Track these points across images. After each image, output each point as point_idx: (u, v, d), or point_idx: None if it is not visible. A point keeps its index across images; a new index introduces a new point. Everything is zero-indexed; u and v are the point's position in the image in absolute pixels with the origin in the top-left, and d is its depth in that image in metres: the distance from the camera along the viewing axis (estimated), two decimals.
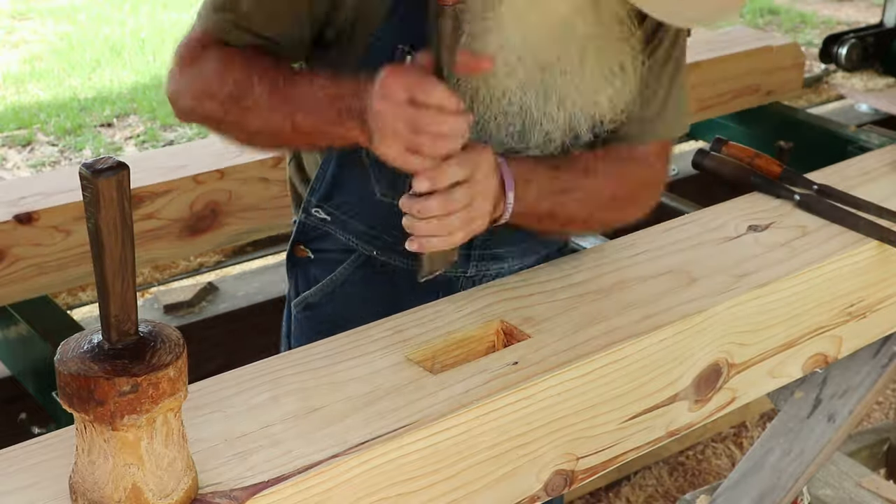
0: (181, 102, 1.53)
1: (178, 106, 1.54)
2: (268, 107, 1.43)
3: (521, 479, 1.39)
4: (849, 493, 2.39)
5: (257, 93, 1.43)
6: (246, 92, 1.43)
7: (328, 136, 1.43)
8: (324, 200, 1.64)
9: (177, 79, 1.53)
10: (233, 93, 1.45)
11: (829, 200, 1.88)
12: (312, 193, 1.64)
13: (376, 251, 1.61)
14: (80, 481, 1.10)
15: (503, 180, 1.45)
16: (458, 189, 1.38)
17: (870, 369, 2.00)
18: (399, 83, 1.30)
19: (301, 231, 1.69)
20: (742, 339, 1.61)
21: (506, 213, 1.47)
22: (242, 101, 1.44)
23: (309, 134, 1.43)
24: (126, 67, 6.28)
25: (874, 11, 7.04)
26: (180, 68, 1.52)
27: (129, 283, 1.04)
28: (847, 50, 5.18)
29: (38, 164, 4.96)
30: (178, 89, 1.53)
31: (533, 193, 1.49)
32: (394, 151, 1.33)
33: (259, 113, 1.44)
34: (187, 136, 5.27)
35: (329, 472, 1.19)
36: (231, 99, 1.45)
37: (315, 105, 1.40)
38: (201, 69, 1.49)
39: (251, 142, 1.53)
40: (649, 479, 3.03)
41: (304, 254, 1.71)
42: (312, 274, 1.72)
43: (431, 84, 1.30)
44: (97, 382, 1.02)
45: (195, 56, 1.50)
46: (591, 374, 1.42)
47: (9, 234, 2.32)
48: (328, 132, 1.41)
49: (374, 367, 1.38)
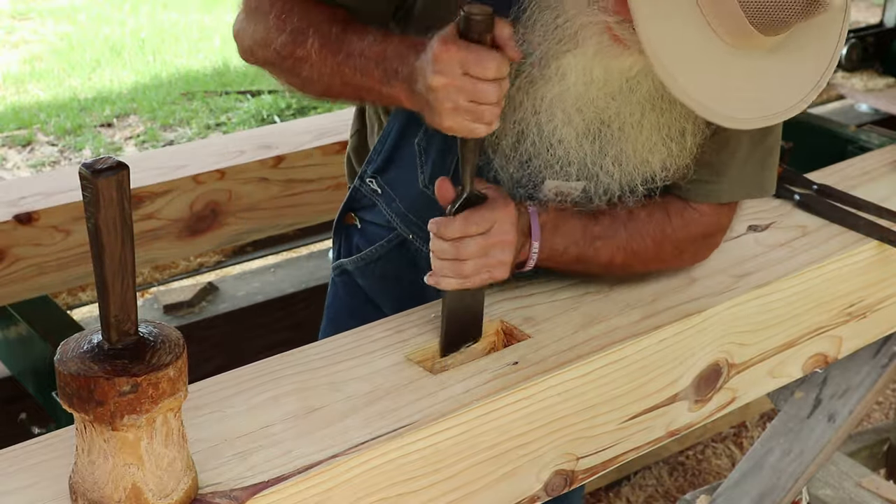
0: (243, 43, 1.57)
1: (240, 46, 1.58)
2: (319, 58, 1.45)
3: (521, 479, 1.39)
4: (849, 493, 2.39)
5: (310, 44, 1.45)
6: (300, 42, 1.46)
7: (374, 94, 1.45)
8: (378, 172, 1.67)
9: (241, 20, 1.56)
10: (287, 42, 1.47)
11: (829, 200, 1.88)
12: (369, 163, 1.68)
13: (412, 235, 1.64)
14: (80, 481, 1.10)
15: (530, 229, 1.48)
16: (472, 239, 1.40)
17: (870, 369, 2.00)
18: (453, 58, 1.30)
19: (353, 198, 1.73)
20: (742, 339, 1.61)
21: (530, 261, 1.50)
22: (296, 51, 1.47)
23: (356, 88, 1.45)
24: (126, 67, 6.27)
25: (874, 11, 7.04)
26: (245, 12, 1.55)
27: (129, 283, 1.04)
28: (847, 50, 5.17)
29: (38, 164, 4.96)
30: (240, 31, 1.56)
31: (561, 241, 1.51)
32: (457, 123, 1.34)
33: (310, 63, 1.46)
34: (187, 136, 5.28)
35: (329, 472, 1.19)
36: (285, 47, 1.48)
37: (363, 62, 1.41)
38: (263, 16, 1.51)
39: (304, 89, 1.55)
40: (649, 479, 3.03)
41: (353, 221, 1.74)
42: (355, 242, 1.75)
43: (486, 55, 1.30)
44: (97, 382, 1.02)
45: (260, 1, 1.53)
46: (591, 374, 1.42)
47: (9, 234, 2.32)
48: (373, 89, 1.43)
49: (374, 367, 1.38)
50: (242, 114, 5.50)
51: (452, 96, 1.31)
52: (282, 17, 1.48)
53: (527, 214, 1.48)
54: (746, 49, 1.25)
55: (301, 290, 3.31)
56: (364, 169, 1.68)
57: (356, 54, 1.42)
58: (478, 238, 1.41)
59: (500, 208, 1.43)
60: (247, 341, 3.11)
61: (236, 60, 6.13)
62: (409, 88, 1.36)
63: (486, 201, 1.43)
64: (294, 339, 1.53)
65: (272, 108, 5.55)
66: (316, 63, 1.45)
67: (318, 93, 1.54)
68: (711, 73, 1.25)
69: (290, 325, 3.18)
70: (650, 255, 1.57)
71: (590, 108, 1.43)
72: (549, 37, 1.39)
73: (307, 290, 3.30)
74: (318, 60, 1.45)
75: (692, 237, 1.59)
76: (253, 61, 1.58)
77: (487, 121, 1.33)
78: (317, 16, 1.46)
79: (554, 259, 1.52)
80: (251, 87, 5.85)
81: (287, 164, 2.67)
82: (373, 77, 1.41)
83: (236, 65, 6.16)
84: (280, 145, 2.69)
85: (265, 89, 5.76)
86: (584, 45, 1.36)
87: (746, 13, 1.20)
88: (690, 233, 1.58)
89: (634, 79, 1.40)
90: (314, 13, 1.47)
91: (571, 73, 1.40)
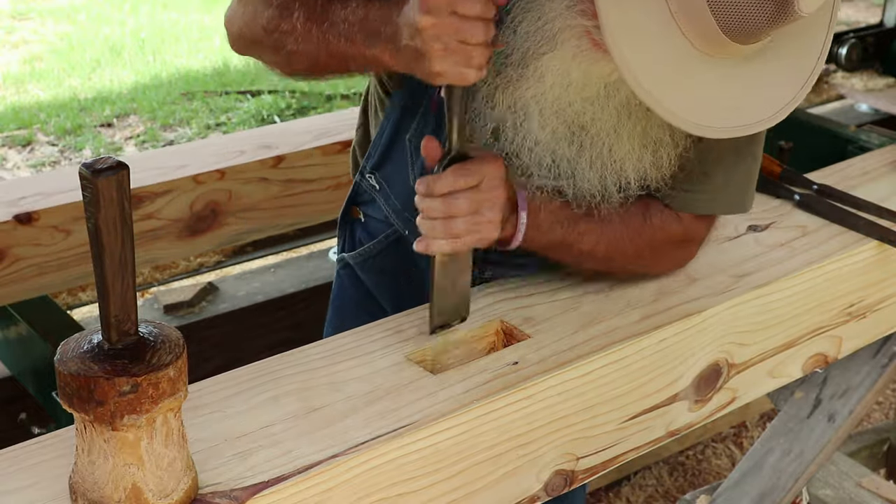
0: (232, 28, 1.57)
1: (230, 32, 1.58)
2: (304, 30, 1.45)
3: (521, 479, 1.39)
4: (849, 493, 2.39)
5: (295, 17, 1.45)
6: (285, 16, 1.46)
7: (358, 60, 1.44)
8: (375, 168, 1.67)
9: (232, 7, 1.57)
10: (274, 16, 1.47)
11: (829, 200, 1.88)
12: (368, 159, 1.68)
13: (407, 232, 1.63)
14: (80, 481, 1.10)
15: (516, 201, 1.46)
16: (462, 194, 1.39)
17: (870, 369, 2.00)
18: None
19: (356, 192, 1.74)
20: (742, 339, 1.61)
21: (518, 234, 1.48)
22: (282, 25, 1.46)
23: (341, 58, 1.45)
24: (126, 67, 6.27)
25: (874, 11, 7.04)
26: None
27: (129, 283, 1.04)
28: (847, 50, 5.17)
29: (38, 164, 4.96)
30: (231, 17, 1.57)
31: (546, 218, 1.49)
32: (447, 66, 1.32)
33: (295, 36, 1.46)
34: (187, 136, 5.28)
35: (329, 472, 1.19)
36: (271, 21, 1.48)
37: (346, 28, 1.41)
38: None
39: (290, 66, 1.55)
40: (649, 479, 3.03)
41: (357, 214, 1.75)
42: (358, 236, 1.76)
43: None
44: (97, 382, 1.02)
45: None
46: (591, 374, 1.42)
47: (9, 234, 2.32)
48: (358, 55, 1.42)
49: (374, 367, 1.38)
50: (242, 114, 5.51)
51: (442, 37, 1.30)
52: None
53: (513, 187, 1.46)
54: (721, 57, 1.24)
55: (301, 290, 3.31)
56: (364, 164, 1.69)
57: (339, 21, 1.41)
58: (468, 192, 1.39)
59: (489, 162, 1.41)
60: (247, 341, 3.11)
61: (236, 60, 6.15)
62: (394, 48, 1.35)
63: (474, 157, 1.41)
64: (294, 339, 1.53)
65: (272, 108, 5.55)
66: (301, 35, 1.45)
67: (304, 67, 1.53)
68: (684, 82, 1.24)
69: (290, 325, 3.19)
70: (630, 252, 1.55)
71: (567, 111, 1.43)
72: (530, 38, 1.38)
73: (307, 290, 3.30)
74: (303, 32, 1.44)
75: (671, 239, 1.58)
76: (241, 46, 1.58)
77: (477, 64, 1.31)
78: None
79: (539, 237, 1.50)
80: (251, 87, 5.85)
81: (287, 164, 2.67)
82: (356, 42, 1.40)
83: (236, 65, 6.17)
84: (280, 145, 2.69)
85: (265, 89, 5.76)
86: (562, 48, 1.36)
87: (718, 21, 1.20)
88: (669, 234, 1.57)
89: (613, 85, 1.39)
90: None
91: (549, 75, 1.39)
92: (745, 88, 1.29)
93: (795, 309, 1.68)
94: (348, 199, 1.76)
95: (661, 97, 1.24)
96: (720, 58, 1.24)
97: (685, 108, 1.26)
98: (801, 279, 1.67)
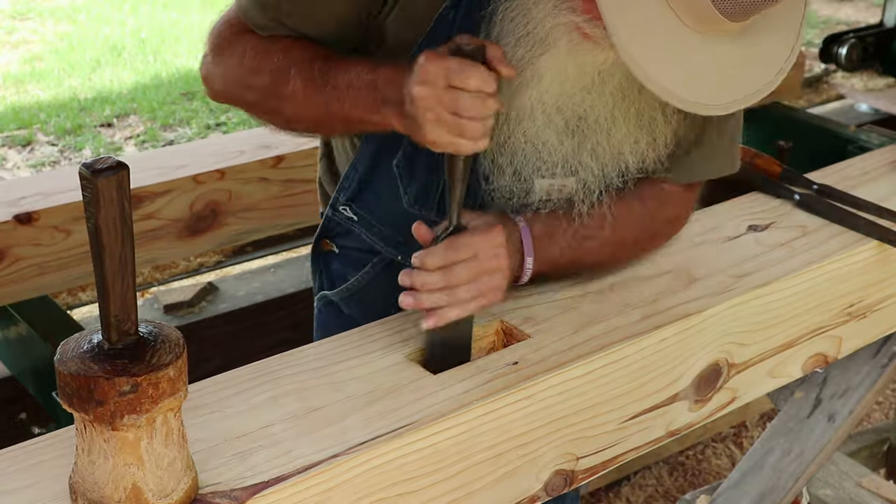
0: (215, 86, 1.56)
1: (212, 89, 1.57)
2: (304, 96, 1.44)
3: (521, 479, 1.39)
4: (849, 493, 2.39)
5: (293, 83, 1.44)
6: (282, 82, 1.45)
7: (364, 124, 1.44)
8: (351, 200, 1.65)
9: (210, 63, 1.54)
10: (269, 84, 1.46)
11: (829, 200, 1.88)
12: (341, 191, 1.66)
13: (401, 256, 1.62)
14: (80, 481, 1.10)
15: (522, 245, 1.47)
16: (460, 265, 1.39)
17: (870, 369, 2.00)
18: (438, 68, 1.30)
19: (326, 226, 1.71)
20: (742, 339, 1.61)
21: (524, 277, 1.50)
22: (279, 91, 1.46)
23: (346, 121, 1.45)
24: (126, 67, 6.27)
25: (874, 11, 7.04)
26: (214, 54, 1.53)
27: (129, 283, 1.04)
28: (847, 50, 5.18)
29: (38, 164, 4.96)
30: (210, 74, 1.55)
31: (556, 250, 1.51)
32: (439, 136, 1.33)
33: (295, 102, 1.45)
34: (187, 136, 5.27)
35: (329, 472, 1.19)
36: (267, 89, 1.47)
37: (353, 94, 1.41)
38: (237, 58, 1.50)
39: (289, 127, 1.55)
40: (649, 479, 3.03)
41: (330, 247, 1.73)
42: (335, 268, 1.74)
43: (470, 67, 1.30)
44: (97, 382, 1.02)
45: (230, 42, 1.51)
46: (591, 374, 1.42)
47: (9, 234, 2.32)
48: (364, 119, 1.42)
49: (374, 367, 1.38)
50: (242, 114, 5.49)
51: (434, 107, 1.30)
52: (258, 58, 1.47)
53: (517, 231, 1.47)
54: (713, 35, 1.25)
55: (301, 290, 3.31)
56: (336, 196, 1.66)
57: (343, 87, 1.41)
58: (465, 264, 1.39)
59: (480, 233, 1.41)
60: (247, 341, 3.11)
61: None
62: (400, 112, 1.36)
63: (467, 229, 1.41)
64: (294, 339, 1.53)
65: None
66: (301, 101, 1.44)
67: (303, 129, 1.54)
68: (678, 60, 1.25)
69: (290, 325, 3.19)
70: (630, 243, 1.59)
71: (568, 104, 1.43)
72: (520, 44, 1.38)
73: (307, 290, 3.29)
74: (304, 98, 1.44)
75: (666, 218, 1.62)
76: (228, 103, 1.57)
77: (470, 136, 1.32)
78: (298, 54, 1.45)
79: (546, 269, 1.52)
80: None
81: (287, 164, 2.68)
82: (363, 107, 1.40)
83: None
84: (280, 145, 2.69)
85: None
86: (556, 47, 1.36)
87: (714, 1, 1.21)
88: (665, 214, 1.61)
89: (607, 71, 1.40)
90: (294, 51, 1.46)
91: (547, 75, 1.40)
92: (737, 63, 1.30)
93: (795, 309, 1.68)
94: (318, 234, 1.73)
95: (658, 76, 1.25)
96: (712, 35, 1.25)
97: (680, 85, 1.27)
98: (801, 279, 1.67)
